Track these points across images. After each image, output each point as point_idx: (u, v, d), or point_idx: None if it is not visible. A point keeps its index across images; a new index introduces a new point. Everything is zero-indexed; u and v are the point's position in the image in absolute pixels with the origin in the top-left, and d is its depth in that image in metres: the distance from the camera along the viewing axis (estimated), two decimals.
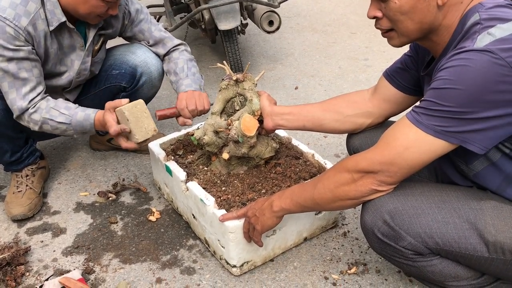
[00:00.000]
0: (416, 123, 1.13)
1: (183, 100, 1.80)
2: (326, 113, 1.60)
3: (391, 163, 1.18)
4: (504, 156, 1.18)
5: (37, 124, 1.72)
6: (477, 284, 1.31)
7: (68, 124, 1.72)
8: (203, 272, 1.66)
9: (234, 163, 1.76)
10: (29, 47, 1.65)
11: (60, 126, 1.72)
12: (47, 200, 2.05)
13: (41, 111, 1.70)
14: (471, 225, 1.17)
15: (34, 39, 1.67)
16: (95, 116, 1.71)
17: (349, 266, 1.66)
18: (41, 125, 1.72)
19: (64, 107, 1.72)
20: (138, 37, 2.03)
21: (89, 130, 1.74)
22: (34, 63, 1.70)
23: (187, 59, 1.99)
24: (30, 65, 1.68)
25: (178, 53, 2.01)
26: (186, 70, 1.95)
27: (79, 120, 1.72)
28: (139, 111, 1.64)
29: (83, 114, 1.72)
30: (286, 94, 2.87)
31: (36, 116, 1.71)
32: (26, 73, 1.67)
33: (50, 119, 1.71)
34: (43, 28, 1.69)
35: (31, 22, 1.64)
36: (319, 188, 1.32)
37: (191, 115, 1.80)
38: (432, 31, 1.21)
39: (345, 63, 3.22)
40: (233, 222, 1.53)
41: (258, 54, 3.42)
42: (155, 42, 2.02)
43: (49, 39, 1.73)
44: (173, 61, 1.99)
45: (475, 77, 1.03)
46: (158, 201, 2.01)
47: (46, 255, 1.76)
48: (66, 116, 1.71)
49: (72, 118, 1.71)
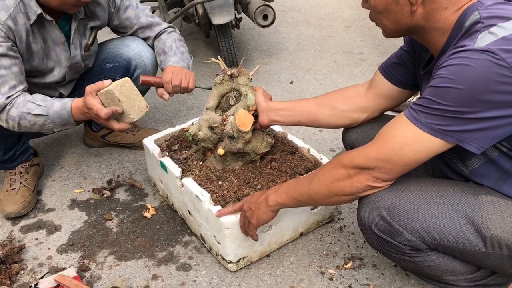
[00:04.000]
0: (413, 120, 1.12)
1: (170, 73, 1.77)
2: (321, 108, 1.59)
3: (387, 160, 1.17)
4: (501, 153, 1.18)
5: (15, 120, 1.64)
6: (473, 278, 1.31)
7: (45, 116, 1.63)
8: (199, 268, 1.65)
9: (229, 158, 1.75)
10: (8, 43, 1.61)
11: (38, 119, 1.64)
12: (42, 197, 2.03)
13: (18, 105, 1.63)
14: (468, 220, 1.17)
15: (16, 33, 1.63)
16: (71, 104, 1.64)
17: (346, 260, 1.66)
18: (19, 121, 1.64)
19: (41, 100, 1.66)
20: (125, 25, 2.00)
21: (68, 120, 1.66)
22: (13, 61, 1.64)
23: (176, 38, 1.98)
24: (10, 62, 1.63)
25: (167, 34, 2.00)
26: (174, 49, 1.93)
27: (56, 110, 1.64)
28: (128, 89, 1.58)
29: (59, 104, 1.64)
30: (281, 88, 2.86)
31: (13, 112, 1.63)
32: (4, 71, 1.61)
33: (27, 112, 1.63)
34: (24, 22, 1.64)
35: (11, 16, 1.60)
36: (315, 183, 1.31)
37: (172, 90, 1.77)
38: (416, 31, 1.21)
39: (340, 57, 3.21)
40: (229, 218, 1.53)
41: (253, 49, 3.41)
42: (142, 27, 2.00)
43: (31, 34, 1.69)
44: (161, 42, 1.98)
45: (475, 77, 1.02)
46: (153, 197, 2.00)
47: (41, 253, 1.74)
48: (43, 108, 1.63)
49: (49, 109, 1.63)
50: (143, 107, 1.63)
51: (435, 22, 1.16)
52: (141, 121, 2.55)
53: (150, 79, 1.79)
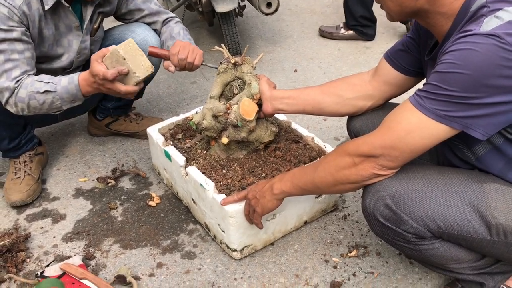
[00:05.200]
0: (418, 107, 1.11)
1: (178, 47, 1.79)
2: (326, 96, 1.58)
3: (392, 147, 1.16)
4: (506, 140, 1.17)
5: (25, 101, 1.64)
6: (478, 266, 1.31)
7: (53, 92, 1.64)
8: (203, 256, 1.66)
9: (233, 147, 1.75)
10: (22, 28, 1.62)
11: (46, 97, 1.64)
12: (46, 186, 2.04)
13: (26, 85, 1.63)
14: (473, 208, 1.17)
15: (29, 18, 1.63)
16: (78, 76, 1.66)
17: (350, 249, 1.66)
18: (28, 102, 1.64)
19: (48, 78, 1.67)
20: (132, 12, 2.01)
21: (75, 95, 1.67)
22: (26, 46, 1.65)
23: (183, 28, 2.02)
24: (23, 47, 1.64)
25: (174, 23, 2.03)
26: (182, 35, 1.96)
27: (64, 85, 1.65)
28: (132, 49, 1.61)
29: (66, 79, 1.66)
30: (285, 77, 2.84)
31: (22, 93, 1.63)
32: (17, 55, 1.62)
33: (36, 91, 1.63)
34: (37, 7, 1.65)
35: (26, 1, 1.60)
36: (320, 171, 1.31)
37: (178, 63, 1.79)
38: (420, 15, 1.20)
39: (344, 45, 3.19)
40: (233, 206, 1.53)
41: (257, 37, 3.38)
42: (152, 13, 2.02)
43: (43, 19, 1.69)
44: (170, 28, 2.00)
45: (480, 62, 1.01)
46: (157, 186, 2.00)
47: (46, 241, 1.76)
48: (51, 84, 1.64)
49: (56, 85, 1.64)
50: (148, 67, 1.65)
51: (439, 7, 1.15)
52: (144, 110, 2.54)
53: (158, 51, 1.82)
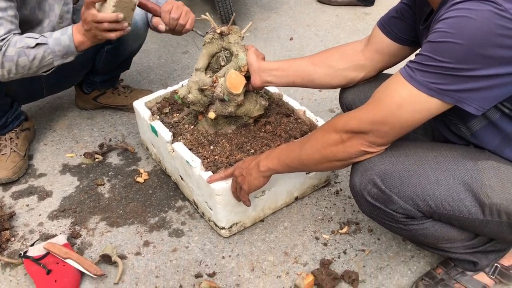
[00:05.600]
0: (409, 79, 1.04)
1: (170, 5, 1.70)
2: (317, 67, 1.50)
3: (382, 122, 1.09)
4: (503, 115, 1.10)
5: (13, 60, 1.56)
6: (471, 245, 1.27)
7: (45, 45, 1.57)
8: (191, 234, 1.62)
9: (221, 122, 1.68)
10: None
11: (37, 52, 1.56)
12: (33, 162, 1.99)
13: (15, 43, 1.56)
14: (466, 187, 1.10)
15: None
16: (72, 27, 1.59)
17: (341, 225, 1.62)
18: (17, 60, 1.56)
19: (38, 34, 1.60)
20: None
21: (68, 46, 1.59)
22: (9, 3, 1.56)
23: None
24: (5, 4, 1.55)
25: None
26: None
27: (57, 37, 1.58)
28: None
29: (59, 31, 1.59)
30: (280, 45, 2.74)
31: (10, 51, 1.55)
32: (0, 13, 1.54)
33: (26, 46, 1.55)
34: None
35: None
36: (307, 148, 1.25)
37: (169, 22, 1.70)
38: None
39: (342, 11, 3.06)
40: (220, 184, 1.48)
41: (251, 3, 3.25)
42: None
43: None
44: None
45: (475, 30, 0.93)
46: (146, 161, 1.95)
47: (32, 219, 1.72)
48: (42, 38, 1.57)
49: (48, 38, 1.57)
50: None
51: None
52: (134, 81, 2.47)
53: (148, 3, 1.70)
